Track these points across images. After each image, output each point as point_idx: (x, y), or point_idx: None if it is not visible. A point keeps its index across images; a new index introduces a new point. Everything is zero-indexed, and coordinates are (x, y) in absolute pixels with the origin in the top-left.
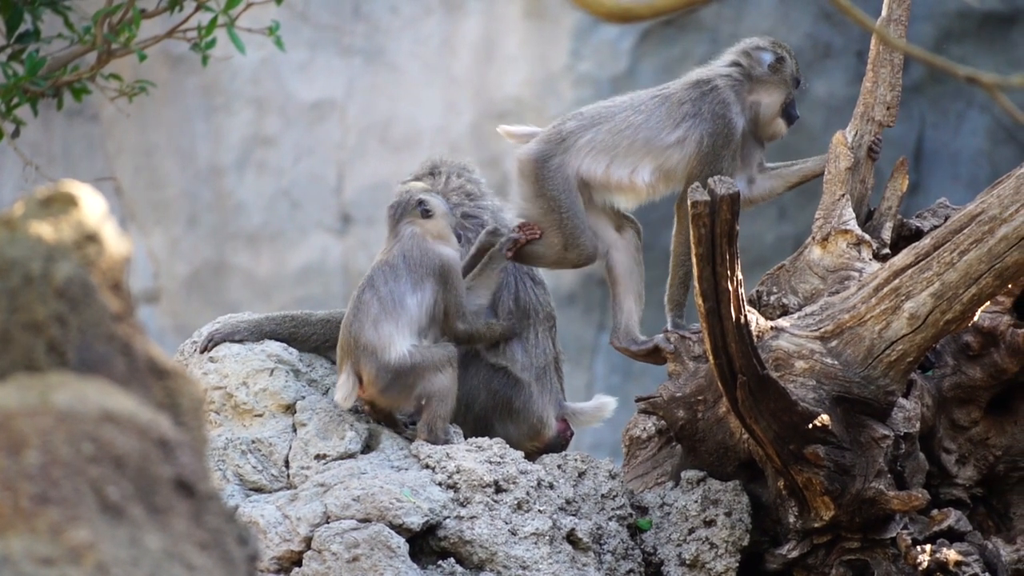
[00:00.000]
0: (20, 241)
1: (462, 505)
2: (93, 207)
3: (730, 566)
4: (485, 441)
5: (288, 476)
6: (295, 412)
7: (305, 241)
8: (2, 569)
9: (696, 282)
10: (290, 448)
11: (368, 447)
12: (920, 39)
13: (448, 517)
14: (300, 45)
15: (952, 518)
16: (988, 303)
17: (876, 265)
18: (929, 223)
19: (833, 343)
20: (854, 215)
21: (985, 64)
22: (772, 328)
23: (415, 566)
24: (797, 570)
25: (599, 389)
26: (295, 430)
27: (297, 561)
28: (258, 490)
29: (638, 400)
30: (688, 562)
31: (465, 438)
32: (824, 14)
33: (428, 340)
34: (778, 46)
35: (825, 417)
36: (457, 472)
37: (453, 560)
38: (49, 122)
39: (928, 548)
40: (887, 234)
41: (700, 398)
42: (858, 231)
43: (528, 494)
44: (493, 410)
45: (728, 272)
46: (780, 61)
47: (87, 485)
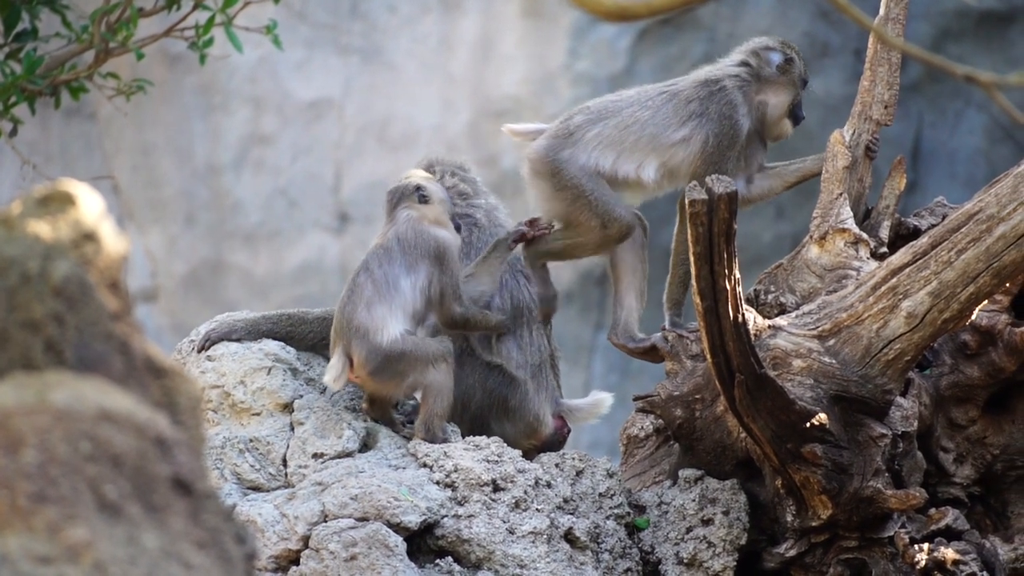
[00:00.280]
0: (18, 240)
1: (460, 504)
2: (91, 206)
3: (728, 565)
4: (483, 440)
5: (286, 475)
6: (293, 411)
7: (303, 240)
8: (0, 568)
9: (694, 281)
10: (288, 447)
11: (366, 446)
12: (918, 38)
13: (446, 516)
14: (298, 44)
15: (950, 517)
16: (986, 302)
17: (874, 264)
18: (927, 222)
19: (831, 342)
20: (852, 214)
21: (983, 63)
22: (770, 327)
23: (413, 565)
24: (795, 569)
25: (597, 388)
26: (293, 429)
27: (295, 560)
28: (256, 489)
29: (636, 399)
30: (686, 561)
31: (462, 437)
32: (822, 13)
33: (425, 331)
34: (787, 46)
35: (823, 416)
36: (455, 471)
37: (451, 559)
38: (47, 121)
39: (926, 547)
40: (885, 233)
41: (698, 397)
42: (856, 230)
43: (526, 493)
44: (489, 409)
45: (726, 271)
46: (789, 62)
47: (85, 484)
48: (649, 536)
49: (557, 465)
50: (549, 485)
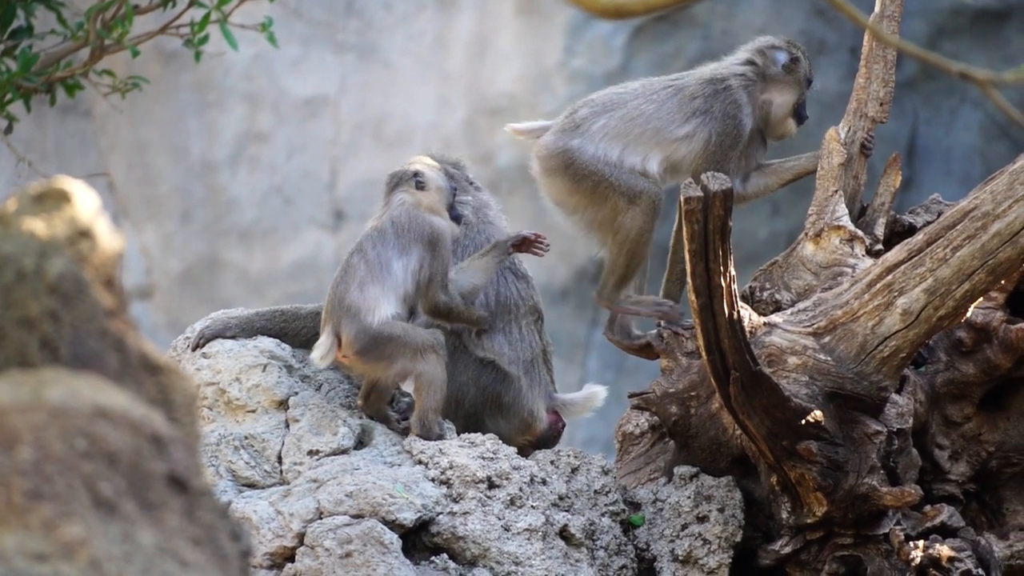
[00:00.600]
0: (13, 237)
1: (455, 501)
2: (86, 203)
3: (723, 562)
4: (478, 437)
5: (281, 472)
6: (288, 408)
7: (298, 237)
8: None
9: (689, 278)
10: (283, 444)
11: (361, 443)
12: (913, 35)
13: (441, 513)
14: (293, 41)
15: (945, 514)
16: (981, 299)
17: (869, 261)
18: (922, 219)
19: (826, 339)
20: (847, 211)
21: (978, 60)
22: (765, 324)
23: (408, 562)
24: (790, 566)
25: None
26: (288, 426)
27: (290, 557)
28: (251, 486)
29: (631, 396)
30: (681, 558)
31: (457, 434)
32: (817, 10)
33: (418, 318)
34: (793, 46)
35: (818, 413)
36: (450, 468)
37: (446, 556)
38: (42, 118)
39: (921, 544)
40: (880, 230)
41: (693, 394)
42: (851, 227)
43: (521, 490)
44: (483, 406)
45: (721, 268)
46: (795, 61)
47: (80, 481)
48: (644, 533)
49: (552, 462)
50: (544, 482)
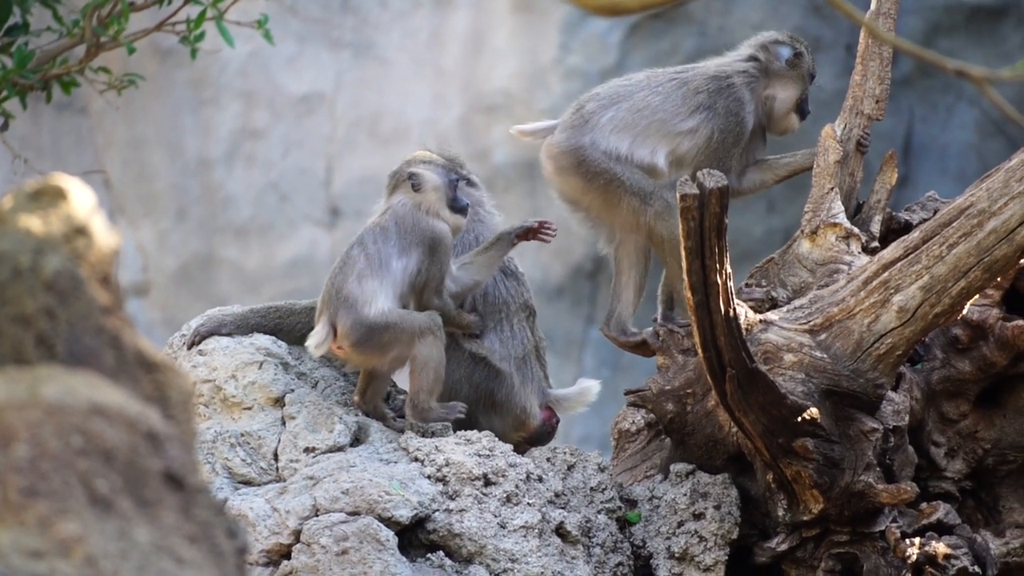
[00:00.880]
0: (9, 234)
1: (451, 498)
2: (82, 200)
3: (719, 559)
4: (474, 434)
5: (277, 469)
6: (284, 405)
7: (294, 234)
8: None
9: (685, 275)
10: (279, 441)
11: (357, 440)
12: (909, 33)
13: (437, 510)
14: (289, 38)
15: (941, 511)
16: (977, 296)
17: (865, 258)
18: (918, 216)
19: (822, 336)
20: (843, 208)
21: (974, 58)
22: (761, 321)
23: (404, 559)
24: (786, 563)
25: None
26: (284, 423)
27: (286, 554)
28: (247, 483)
29: (627, 393)
30: (677, 555)
31: (453, 431)
32: (813, 7)
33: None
34: (796, 41)
35: (814, 410)
36: (446, 465)
37: (442, 553)
38: (38, 115)
39: (917, 541)
40: (876, 227)
41: (689, 391)
42: (847, 224)
43: (517, 487)
44: (476, 403)
45: (717, 265)
46: (798, 56)
47: (76, 478)
48: (640, 530)
49: (548, 459)
50: (540, 479)
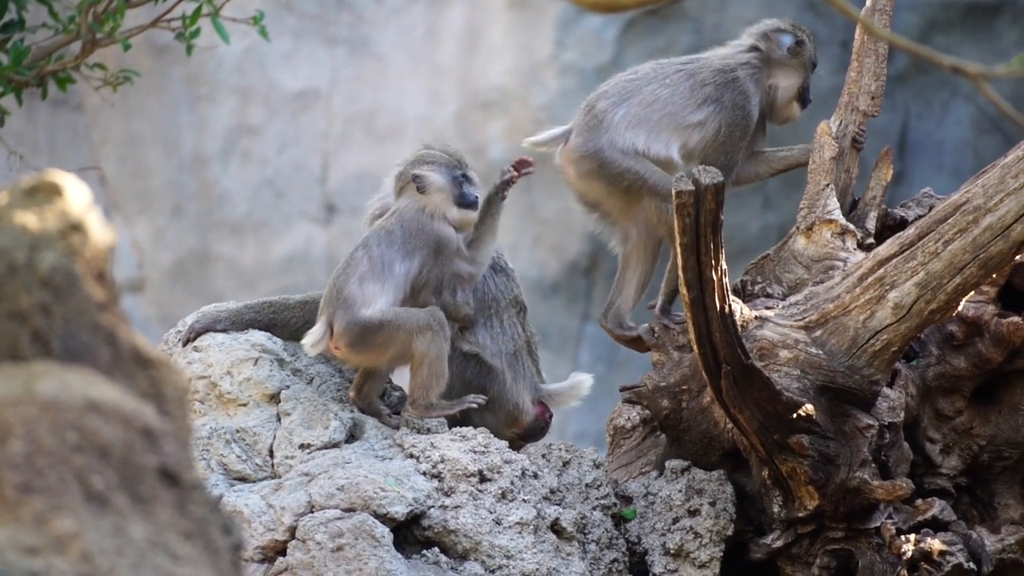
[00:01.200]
0: (4, 230)
1: (446, 495)
2: (78, 196)
3: (714, 556)
4: (469, 431)
5: (272, 466)
6: (279, 401)
7: (289, 231)
8: None
9: (680, 271)
10: (274, 438)
11: (352, 436)
12: (905, 29)
13: (432, 507)
14: (285, 35)
15: (936, 508)
16: (972, 293)
17: (861, 255)
18: (914, 213)
19: (817, 333)
20: (839, 205)
21: (970, 54)
22: (756, 318)
23: (399, 555)
24: (781, 560)
25: None
26: (279, 419)
27: (281, 551)
28: (242, 479)
29: (622, 389)
30: (672, 552)
31: (448, 428)
32: (809, 4)
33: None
34: (798, 29)
35: (809, 407)
36: (441, 461)
37: (437, 550)
38: (34, 112)
39: (912, 538)
40: (872, 224)
41: (684, 388)
42: (843, 221)
43: (512, 484)
44: None
45: (712, 261)
46: (800, 44)
47: (71, 474)
48: (636, 527)
49: (544, 456)
50: (536, 476)
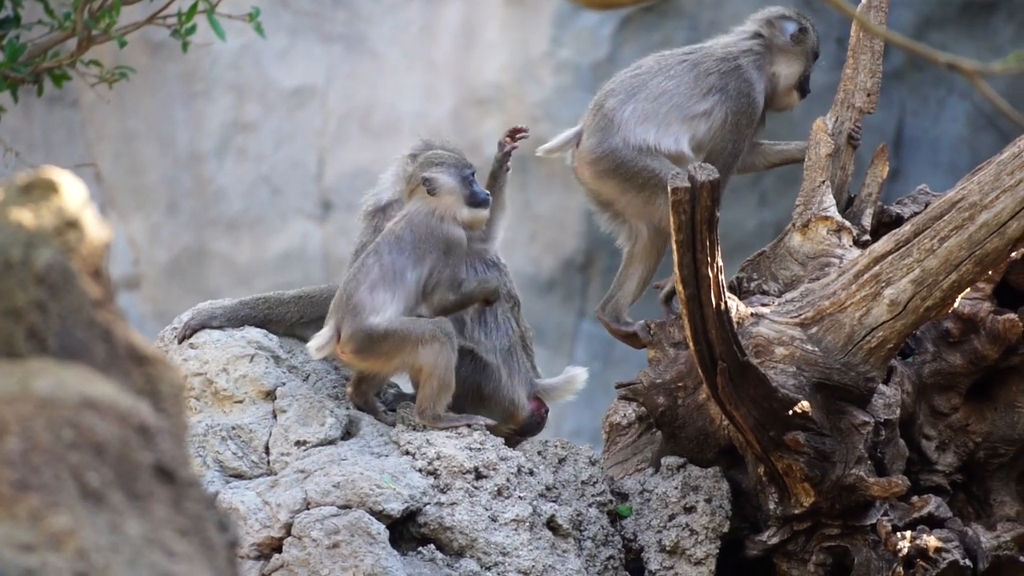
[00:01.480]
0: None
1: (442, 491)
2: (73, 193)
3: (710, 552)
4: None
5: (268, 462)
6: (275, 398)
7: (285, 227)
8: None
9: (676, 268)
10: (270, 434)
11: (348, 433)
12: (900, 26)
13: (428, 503)
14: (280, 31)
15: (932, 505)
16: (968, 290)
17: (856, 252)
18: (909, 210)
19: (813, 329)
20: (834, 202)
21: (966, 51)
22: (752, 314)
23: (395, 552)
24: (777, 556)
25: None
26: (275, 416)
27: (277, 547)
28: (238, 476)
29: (618, 387)
30: (668, 548)
31: None
32: (804, 0)
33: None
34: (802, 17)
35: (805, 404)
36: (437, 458)
37: (433, 546)
38: (29, 108)
39: (908, 534)
40: (867, 221)
41: (680, 385)
42: (838, 218)
43: (508, 480)
44: (464, 398)
45: (708, 258)
46: (803, 32)
47: (67, 471)
48: (631, 524)
49: (540, 453)
50: (531, 473)
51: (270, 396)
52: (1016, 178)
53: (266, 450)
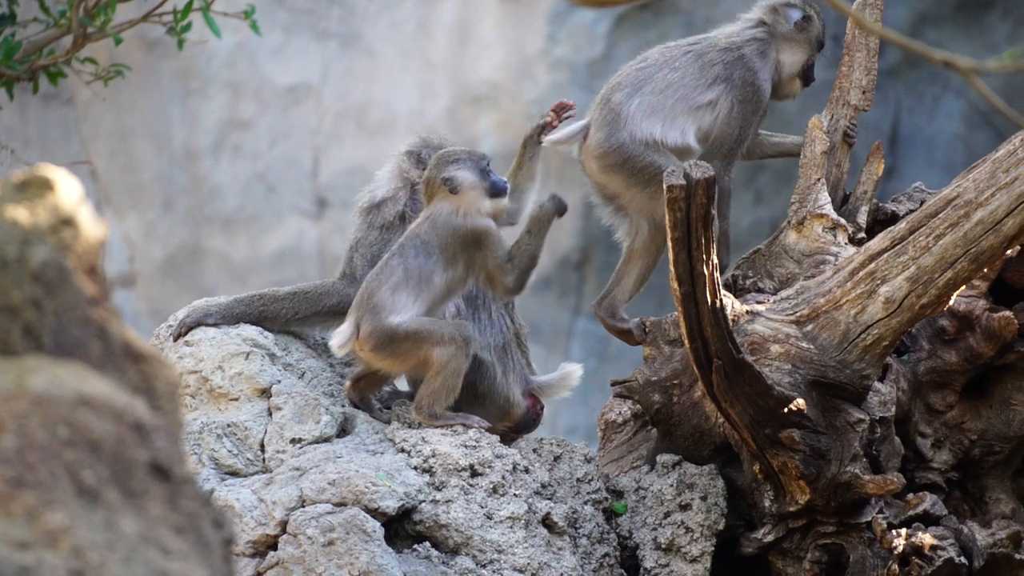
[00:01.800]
0: None
1: (438, 489)
2: (69, 191)
3: (705, 550)
4: None
5: (263, 460)
6: (271, 396)
7: (281, 225)
8: None
9: (671, 266)
10: (265, 432)
11: (343, 431)
12: (896, 23)
13: (424, 501)
14: (276, 29)
15: (927, 502)
16: (964, 287)
17: (852, 249)
18: (905, 207)
19: (808, 327)
20: (830, 199)
21: (961, 48)
22: (747, 312)
23: (390, 550)
24: (772, 554)
25: None
26: (270, 414)
27: (272, 545)
28: (233, 474)
29: (613, 384)
30: (663, 546)
31: None
32: None
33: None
34: (807, 4)
35: (800, 401)
36: (432, 456)
37: (428, 544)
38: (25, 106)
39: (903, 532)
40: (863, 218)
41: (675, 382)
42: (834, 215)
43: (503, 478)
44: (459, 396)
45: (703, 256)
46: (807, 20)
47: (63, 469)
48: (627, 521)
49: (535, 450)
50: (527, 470)
51: (265, 394)
52: (1011, 175)
53: (261, 448)
